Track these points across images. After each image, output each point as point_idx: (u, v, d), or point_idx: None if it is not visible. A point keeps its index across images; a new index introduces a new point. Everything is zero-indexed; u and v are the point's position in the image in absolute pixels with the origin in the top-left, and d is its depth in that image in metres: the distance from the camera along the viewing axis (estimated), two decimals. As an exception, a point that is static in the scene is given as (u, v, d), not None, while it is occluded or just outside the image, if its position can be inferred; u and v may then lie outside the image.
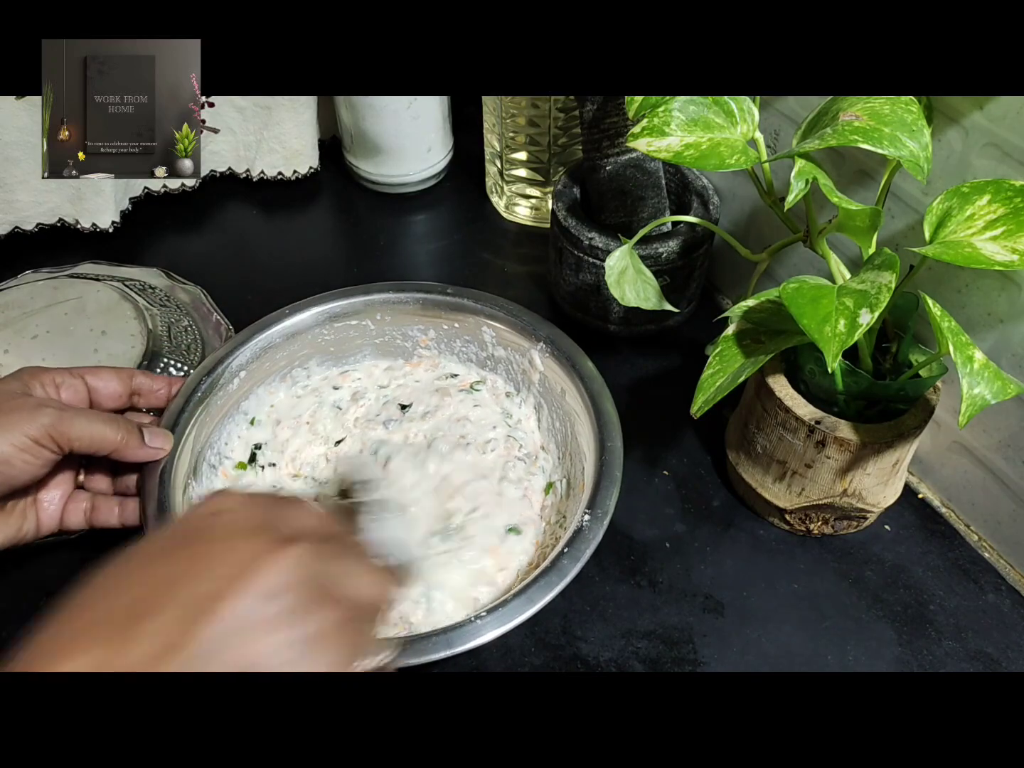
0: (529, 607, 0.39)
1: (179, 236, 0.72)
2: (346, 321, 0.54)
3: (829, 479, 0.46)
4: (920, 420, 0.44)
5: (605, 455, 0.44)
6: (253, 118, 0.72)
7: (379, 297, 0.54)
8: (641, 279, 0.47)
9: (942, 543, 0.51)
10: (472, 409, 0.54)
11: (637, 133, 0.38)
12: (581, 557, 0.40)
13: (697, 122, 0.38)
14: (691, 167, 0.41)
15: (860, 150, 0.39)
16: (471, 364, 0.56)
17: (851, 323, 0.35)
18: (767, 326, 0.44)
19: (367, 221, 0.75)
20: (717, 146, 0.38)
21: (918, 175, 0.36)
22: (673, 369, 0.61)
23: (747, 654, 0.46)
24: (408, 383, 0.56)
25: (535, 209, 0.72)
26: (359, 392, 0.55)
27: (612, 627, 0.47)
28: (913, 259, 0.39)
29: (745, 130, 0.40)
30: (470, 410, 0.54)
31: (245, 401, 0.53)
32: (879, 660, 0.46)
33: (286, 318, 0.53)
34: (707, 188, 0.60)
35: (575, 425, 0.49)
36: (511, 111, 0.65)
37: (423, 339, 0.56)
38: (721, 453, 0.54)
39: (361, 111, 0.70)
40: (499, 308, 0.53)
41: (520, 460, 0.51)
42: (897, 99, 0.36)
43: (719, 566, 0.50)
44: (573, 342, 0.51)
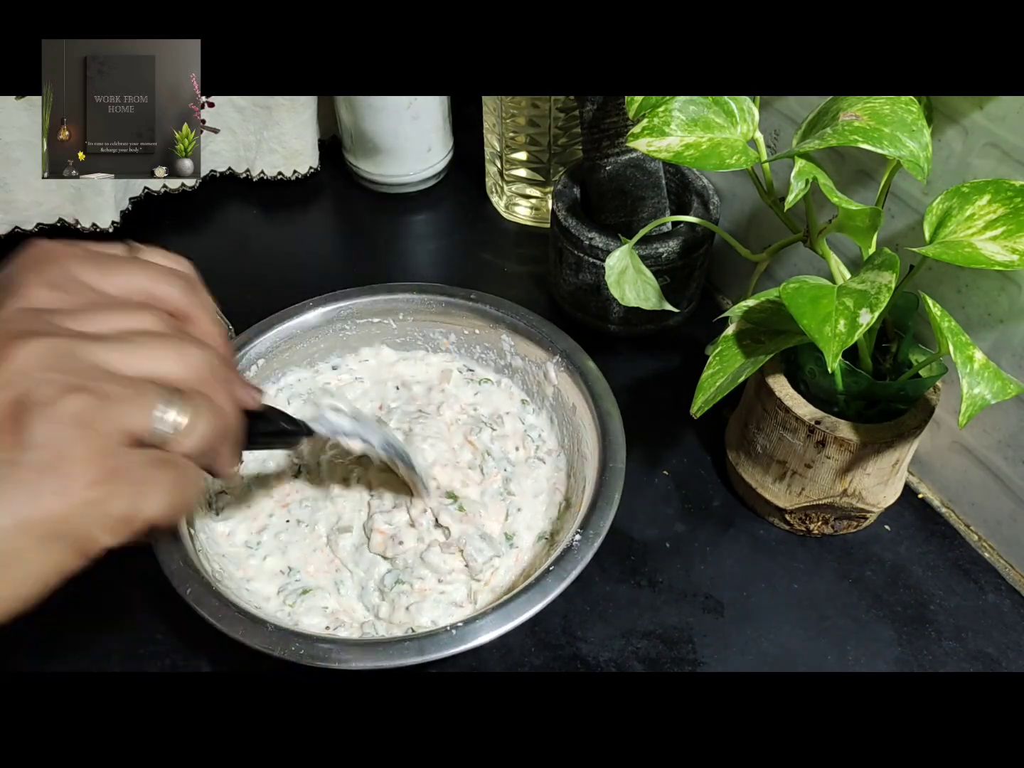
0: (529, 607, 0.39)
1: (179, 236, 0.72)
2: (368, 319, 0.55)
3: (829, 479, 0.46)
4: (920, 420, 0.44)
5: (606, 475, 0.44)
6: (253, 118, 0.72)
7: (402, 297, 0.55)
8: (641, 279, 0.47)
9: (942, 543, 0.51)
10: (478, 396, 0.55)
11: (637, 133, 0.38)
12: (567, 576, 0.40)
13: (697, 122, 0.38)
14: (691, 167, 0.41)
15: (860, 150, 0.39)
16: (489, 370, 0.56)
17: (851, 323, 0.35)
18: (767, 326, 0.44)
19: (367, 221, 0.75)
20: (717, 146, 0.38)
21: (918, 175, 0.36)
22: (673, 369, 0.61)
23: (747, 654, 0.46)
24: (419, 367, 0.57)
25: (535, 209, 0.72)
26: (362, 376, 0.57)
27: (612, 627, 0.47)
28: (913, 259, 0.39)
29: (745, 130, 0.40)
30: (476, 398, 0.55)
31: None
32: (879, 660, 0.46)
33: (308, 311, 0.54)
34: (707, 188, 0.60)
35: (581, 444, 0.49)
36: (511, 111, 0.65)
37: (444, 342, 0.56)
38: (721, 453, 0.54)
39: (361, 111, 0.70)
40: (520, 318, 0.53)
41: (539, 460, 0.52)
42: (897, 99, 0.36)
43: (719, 566, 0.50)
44: (589, 358, 0.51)
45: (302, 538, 0.47)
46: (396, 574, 0.45)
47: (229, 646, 0.38)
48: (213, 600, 0.40)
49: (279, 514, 0.49)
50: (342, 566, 0.46)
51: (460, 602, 0.44)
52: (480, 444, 0.51)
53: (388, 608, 0.44)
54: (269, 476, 0.50)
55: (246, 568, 0.46)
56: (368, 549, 0.46)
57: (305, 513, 0.49)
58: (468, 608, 0.44)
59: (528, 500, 0.49)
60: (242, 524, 0.48)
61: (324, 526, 0.48)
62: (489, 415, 0.53)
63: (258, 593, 0.45)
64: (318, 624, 0.44)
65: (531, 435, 0.52)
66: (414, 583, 0.45)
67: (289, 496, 0.50)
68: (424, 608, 0.44)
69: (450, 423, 0.53)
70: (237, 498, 0.49)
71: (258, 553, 0.47)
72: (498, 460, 0.50)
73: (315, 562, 0.46)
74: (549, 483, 0.50)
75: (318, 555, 0.47)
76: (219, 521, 0.48)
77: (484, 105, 0.69)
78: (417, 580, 0.45)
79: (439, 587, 0.45)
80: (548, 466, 0.51)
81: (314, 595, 0.45)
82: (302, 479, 0.50)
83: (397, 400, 0.54)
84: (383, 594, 0.45)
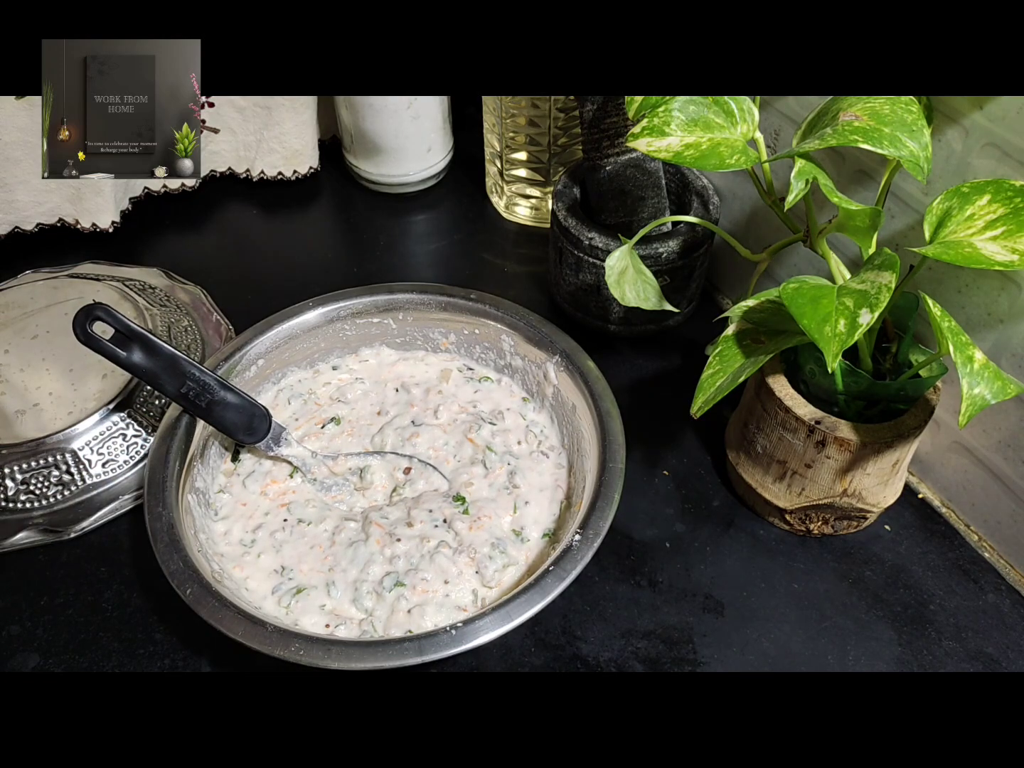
0: (529, 607, 0.39)
1: (179, 236, 0.72)
2: (368, 319, 0.55)
3: (829, 479, 0.46)
4: (920, 420, 0.44)
5: (606, 475, 0.44)
6: (253, 118, 0.72)
7: (402, 297, 0.55)
8: (641, 279, 0.47)
9: (942, 543, 0.51)
10: (478, 395, 0.55)
11: (637, 133, 0.38)
12: (566, 576, 0.40)
13: (697, 122, 0.38)
14: (691, 167, 0.41)
15: (860, 150, 0.39)
16: (489, 369, 0.56)
17: (851, 323, 0.35)
18: (767, 326, 0.44)
19: (367, 221, 0.75)
20: (717, 146, 0.38)
21: (918, 175, 0.36)
22: (673, 369, 0.61)
23: (747, 654, 0.46)
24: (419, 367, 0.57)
25: (535, 209, 0.72)
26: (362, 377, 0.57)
27: (612, 627, 0.47)
28: (913, 259, 0.39)
29: (745, 130, 0.40)
30: (476, 395, 0.55)
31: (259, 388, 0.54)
32: (879, 660, 0.46)
33: (308, 311, 0.54)
34: (707, 188, 0.60)
35: (581, 442, 0.49)
36: (511, 111, 0.65)
37: (443, 342, 0.56)
38: (721, 453, 0.54)
39: (361, 111, 0.70)
40: (519, 318, 0.53)
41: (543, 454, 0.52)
42: (897, 99, 0.36)
43: (719, 566, 0.50)
44: (589, 358, 0.51)
45: (299, 537, 0.47)
46: (396, 576, 0.45)
47: (229, 646, 0.38)
48: (213, 600, 0.40)
49: (275, 513, 0.49)
50: (335, 565, 0.46)
51: (465, 606, 0.44)
52: (480, 440, 0.51)
53: (386, 611, 0.44)
54: (265, 475, 0.50)
55: (243, 566, 0.46)
56: (366, 548, 0.46)
57: (309, 512, 0.49)
58: (473, 611, 0.44)
59: (535, 494, 0.49)
60: (237, 523, 0.48)
61: (324, 525, 0.48)
62: (490, 411, 0.54)
63: (256, 592, 0.45)
64: (317, 623, 0.44)
65: (533, 431, 0.53)
66: (416, 584, 0.45)
67: (286, 496, 0.50)
68: (427, 612, 0.44)
69: (448, 423, 0.53)
70: (234, 497, 0.49)
71: (252, 550, 0.47)
72: (500, 455, 0.50)
73: (309, 561, 0.46)
74: (553, 479, 0.50)
75: (313, 554, 0.47)
76: (218, 521, 0.48)
77: (484, 105, 0.69)
78: (420, 581, 0.45)
79: (444, 588, 0.45)
80: (551, 462, 0.51)
81: (308, 594, 0.44)
82: (298, 479, 0.50)
83: (396, 403, 0.55)
84: (379, 596, 0.44)
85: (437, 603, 0.44)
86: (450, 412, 0.53)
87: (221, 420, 0.47)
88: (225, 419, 0.47)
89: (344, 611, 0.44)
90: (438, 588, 0.45)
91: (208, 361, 0.51)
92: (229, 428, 0.48)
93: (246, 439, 0.49)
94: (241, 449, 0.51)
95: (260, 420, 0.48)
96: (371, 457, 0.51)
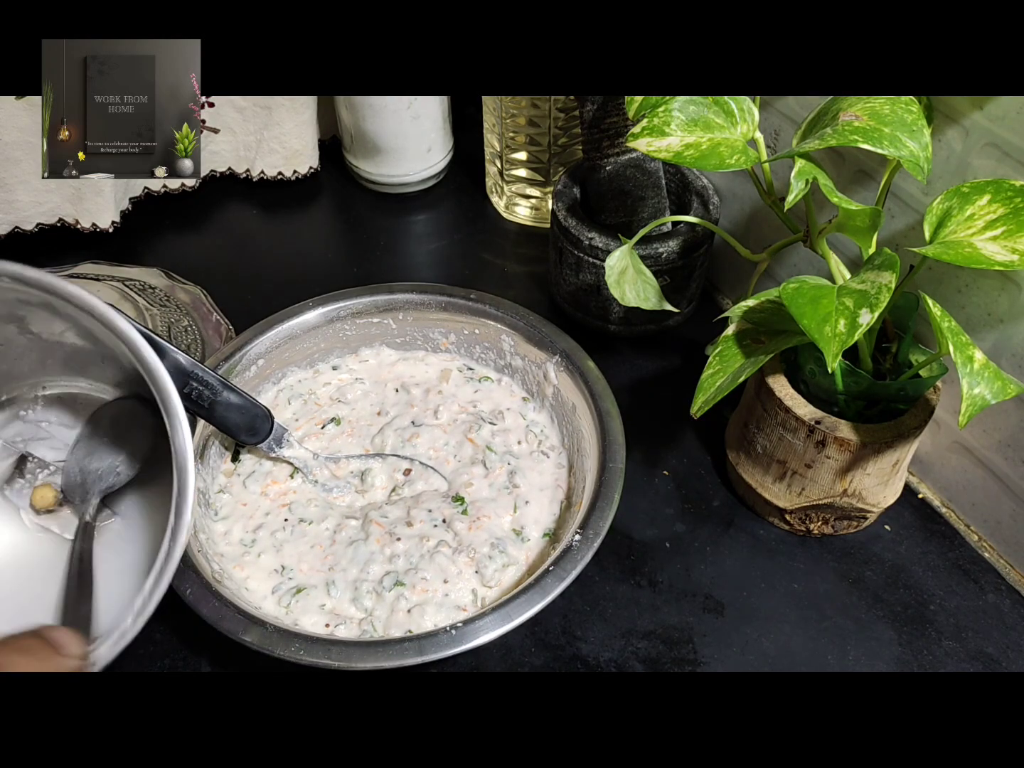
0: (529, 607, 0.39)
1: (179, 236, 0.72)
2: (368, 319, 0.55)
3: (829, 479, 0.46)
4: (920, 420, 0.44)
5: (606, 475, 0.44)
6: (253, 118, 0.72)
7: (402, 297, 0.55)
8: (641, 279, 0.47)
9: (942, 543, 0.51)
10: (478, 395, 0.55)
11: (637, 133, 0.38)
12: (566, 576, 0.40)
13: (697, 122, 0.38)
14: (691, 167, 0.41)
15: (860, 150, 0.39)
16: (489, 369, 0.56)
17: (851, 323, 0.35)
18: (767, 326, 0.44)
19: (367, 221, 0.75)
20: (717, 146, 0.38)
21: (918, 175, 0.36)
22: (673, 369, 0.61)
23: (747, 654, 0.46)
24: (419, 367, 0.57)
25: (535, 209, 0.72)
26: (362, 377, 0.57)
27: (612, 627, 0.47)
28: (913, 259, 0.39)
29: (745, 130, 0.40)
30: (476, 395, 0.55)
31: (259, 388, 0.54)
32: (879, 660, 0.46)
33: (308, 311, 0.54)
34: (707, 188, 0.60)
35: (581, 442, 0.49)
36: (511, 111, 0.65)
37: (443, 342, 0.56)
38: (721, 453, 0.54)
39: (361, 111, 0.70)
40: (519, 318, 0.53)
41: (543, 454, 0.52)
42: (897, 99, 0.36)
43: (719, 566, 0.50)
44: (589, 358, 0.51)
45: (299, 536, 0.47)
46: (396, 576, 0.45)
47: (229, 646, 0.38)
48: (213, 600, 0.40)
49: (276, 513, 0.49)
50: (335, 564, 0.46)
51: (464, 606, 0.44)
52: (480, 440, 0.51)
53: (385, 610, 0.44)
54: (266, 476, 0.50)
55: (243, 566, 0.46)
56: (366, 547, 0.46)
57: (311, 512, 0.49)
58: (472, 611, 0.44)
59: (535, 494, 0.49)
60: (238, 523, 0.48)
61: (325, 524, 0.48)
62: (490, 411, 0.53)
63: (257, 592, 0.45)
64: (317, 623, 0.44)
65: (533, 431, 0.53)
66: (416, 584, 0.45)
67: (287, 496, 0.50)
68: (427, 611, 0.44)
69: (448, 423, 0.53)
70: (234, 497, 0.49)
71: (252, 550, 0.47)
72: (500, 455, 0.50)
73: (309, 560, 0.46)
74: (553, 478, 0.50)
75: (313, 553, 0.47)
76: (218, 521, 0.48)
77: (484, 105, 0.69)
78: (420, 581, 0.45)
79: (444, 588, 0.45)
80: (551, 461, 0.51)
81: (308, 594, 0.44)
82: (299, 479, 0.50)
83: (396, 403, 0.55)
84: (379, 596, 0.44)
85: (437, 603, 0.44)
86: (450, 412, 0.53)
87: (223, 421, 0.47)
88: (228, 420, 0.47)
89: (344, 611, 0.44)
90: (438, 588, 0.45)
91: (208, 361, 0.51)
92: (231, 429, 0.48)
93: (248, 440, 0.49)
94: (241, 449, 0.51)
95: (262, 421, 0.48)
96: (372, 460, 0.51)
